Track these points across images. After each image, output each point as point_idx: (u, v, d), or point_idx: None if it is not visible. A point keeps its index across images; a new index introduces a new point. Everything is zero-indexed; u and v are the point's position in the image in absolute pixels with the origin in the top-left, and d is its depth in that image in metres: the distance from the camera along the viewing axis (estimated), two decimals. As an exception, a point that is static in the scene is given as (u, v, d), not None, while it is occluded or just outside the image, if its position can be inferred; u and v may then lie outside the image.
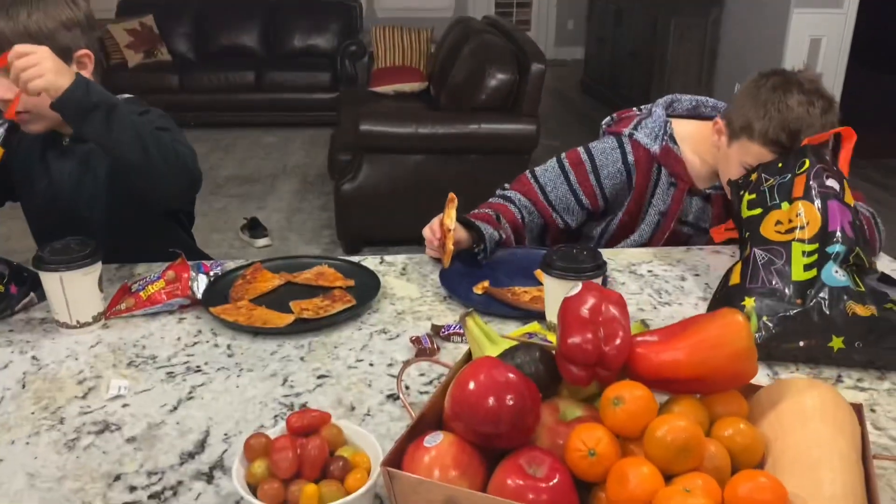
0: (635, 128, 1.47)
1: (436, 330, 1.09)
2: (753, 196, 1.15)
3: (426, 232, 1.33)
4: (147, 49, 5.56)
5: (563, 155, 1.50)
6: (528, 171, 1.51)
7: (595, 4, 6.58)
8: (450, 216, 1.28)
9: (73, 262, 1.05)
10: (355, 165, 3.26)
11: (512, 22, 7.24)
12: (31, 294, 1.16)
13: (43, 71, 1.08)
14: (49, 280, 1.06)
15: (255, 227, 3.51)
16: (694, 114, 1.52)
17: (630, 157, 1.45)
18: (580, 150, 1.49)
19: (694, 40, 5.02)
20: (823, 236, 1.05)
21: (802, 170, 1.13)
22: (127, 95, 1.41)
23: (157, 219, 1.46)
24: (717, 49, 5.04)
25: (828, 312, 1.01)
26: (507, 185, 1.52)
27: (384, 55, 5.16)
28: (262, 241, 3.46)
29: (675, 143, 1.45)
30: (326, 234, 3.60)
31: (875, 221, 1.35)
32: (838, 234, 1.05)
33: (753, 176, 1.18)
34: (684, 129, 1.47)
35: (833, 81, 4.32)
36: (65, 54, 1.21)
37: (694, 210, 1.48)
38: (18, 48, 1.09)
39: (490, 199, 1.50)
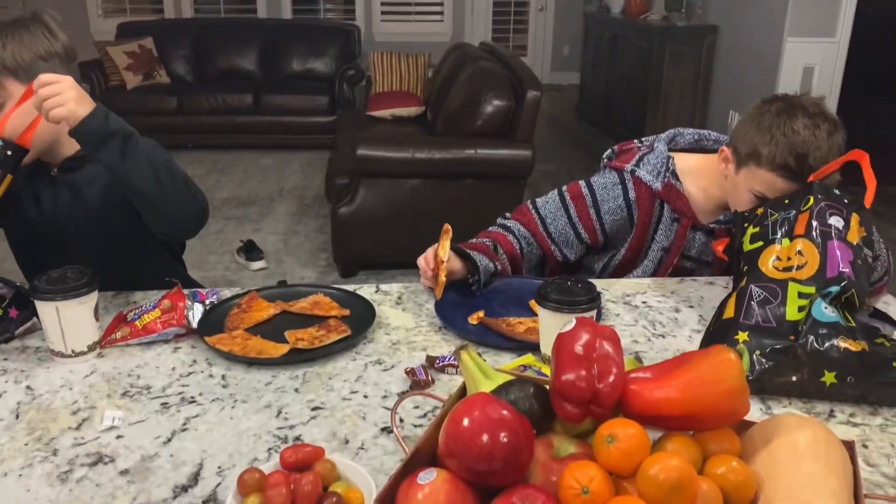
0: (637, 164, 1.47)
1: (430, 361, 1.09)
2: (757, 230, 1.16)
3: (420, 262, 1.34)
4: (146, 71, 5.59)
5: (565, 188, 1.51)
6: (529, 202, 1.52)
7: (590, 31, 6.66)
8: (444, 247, 1.28)
9: (69, 292, 1.05)
10: (352, 189, 3.28)
11: (508, 47, 7.31)
12: (34, 319, 1.15)
13: (65, 100, 1.10)
14: (45, 309, 1.06)
15: (251, 250, 3.51)
16: (696, 147, 1.52)
17: (632, 194, 1.46)
18: (581, 183, 1.50)
19: (688, 67, 5.08)
20: (821, 280, 1.06)
21: (807, 207, 1.14)
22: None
23: (149, 247, 1.46)
24: (711, 76, 5.10)
25: (819, 347, 1.01)
26: (507, 215, 1.53)
27: (382, 80, 5.21)
28: (257, 264, 3.46)
29: (677, 178, 1.45)
30: (322, 257, 3.60)
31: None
32: (837, 277, 1.05)
33: (760, 210, 1.19)
34: (687, 163, 1.47)
35: (826, 109, 4.36)
36: None
37: (697, 245, 1.48)
38: (44, 77, 1.11)
39: (490, 228, 1.51)
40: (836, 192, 1.15)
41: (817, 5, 4.17)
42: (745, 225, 1.21)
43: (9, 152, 1.15)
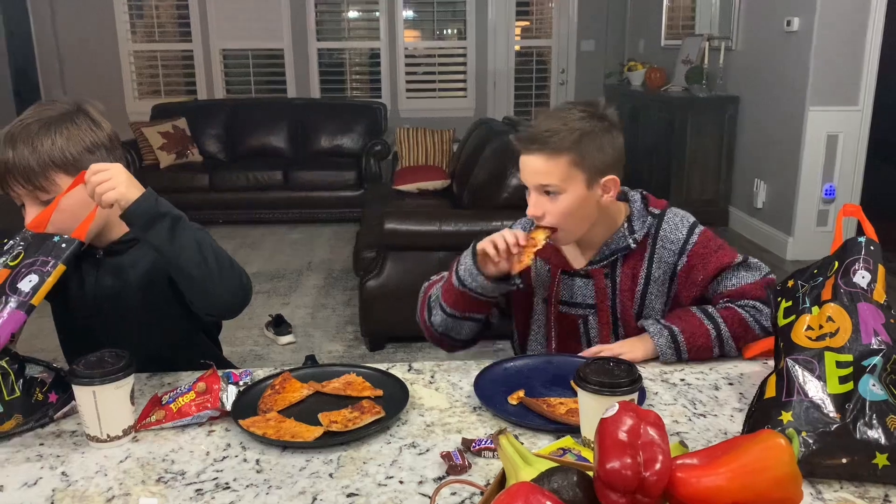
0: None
1: (466, 444, 1.07)
2: (790, 303, 1.14)
3: (499, 237, 1.35)
4: (179, 150, 5.77)
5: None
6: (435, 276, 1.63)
7: (610, 104, 6.76)
8: (541, 235, 1.33)
9: (106, 376, 1.06)
10: (379, 262, 3.30)
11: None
12: (73, 402, 1.15)
13: (116, 184, 1.16)
14: (82, 393, 1.07)
15: (279, 324, 3.53)
16: None
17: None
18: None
19: (711, 137, 5.12)
20: (857, 347, 1.03)
21: (832, 271, 1.12)
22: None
23: (187, 330, 1.48)
24: (734, 145, 5.12)
25: (868, 428, 0.98)
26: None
27: (408, 154, 5.31)
28: (286, 339, 3.47)
29: None
30: (350, 330, 3.60)
31: None
32: (873, 343, 1.03)
33: (790, 283, 1.18)
34: None
35: (852, 177, 4.35)
36: None
37: (576, 290, 1.49)
38: (95, 165, 1.18)
39: (431, 279, 1.61)
40: (861, 239, 1.13)
41: (838, 74, 4.21)
42: (779, 300, 1.19)
43: (63, 245, 1.18)
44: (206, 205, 5.51)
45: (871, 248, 1.12)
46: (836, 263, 1.13)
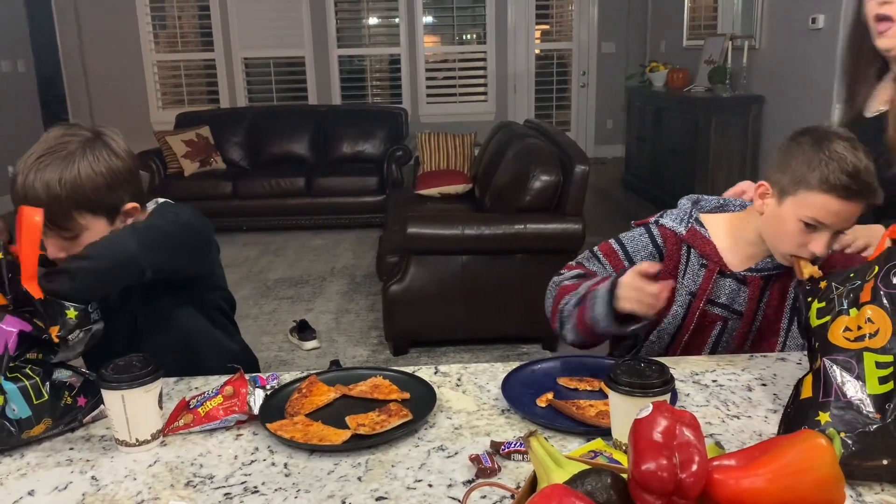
0: (661, 216, 1.53)
1: (495, 447, 1.06)
2: (823, 304, 1.12)
3: (648, 297, 1.28)
4: (202, 158, 5.83)
5: (596, 248, 1.56)
6: (573, 262, 1.57)
7: (633, 105, 6.73)
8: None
9: (135, 380, 1.06)
10: (403, 266, 3.30)
11: (552, 123, 7.42)
12: (102, 406, 1.16)
13: None
14: (111, 398, 1.07)
15: (303, 330, 3.54)
16: (720, 211, 1.54)
17: (659, 240, 1.50)
18: (611, 241, 1.55)
19: (735, 137, 5.06)
20: (898, 345, 1.00)
21: (871, 275, 1.10)
22: (161, 200, 1.49)
23: (203, 328, 1.49)
24: (759, 145, 5.06)
25: (911, 428, 0.95)
26: (563, 272, 1.55)
27: (429, 159, 5.32)
28: (310, 344, 3.48)
29: (702, 226, 1.48)
30: (374, 335, 3.60)
31: None
32: None
33: (823, 284, 1.15)
34: (712, 221, 1.49)
35: (882, 174, 4.27)
36: (111, 210, 1.32)
37: (727, 292, 1.46)
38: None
39: (582, 263, 1.55)
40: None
41: (865, 72, 4.14)
42: (809, 300, 1.16)
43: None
44: (229, 212, 5.56)
45: None
46: (877, 268, 1.10)
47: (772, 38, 4.93)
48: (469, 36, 7.73)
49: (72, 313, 1.13)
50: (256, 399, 1.17)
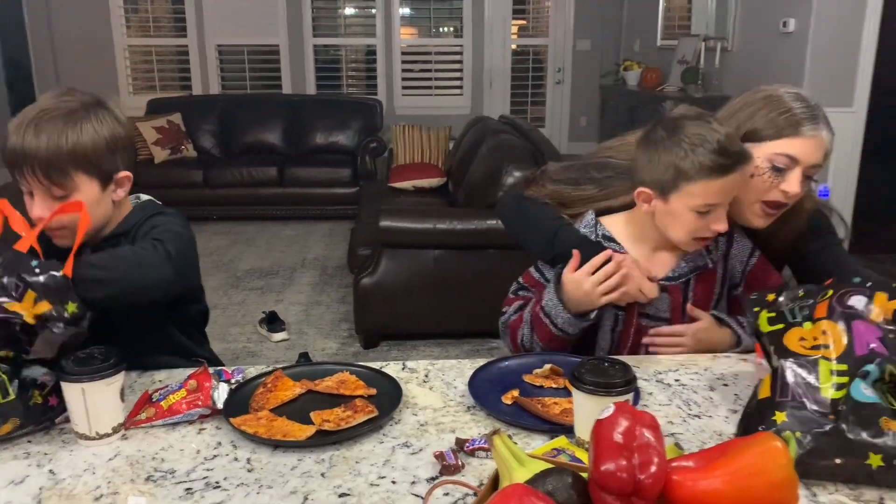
0: None
1: (460, 444, 1.06)
2: (773, 314, 1.13)
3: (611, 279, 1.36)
4: (173, 146, 5.75)
5: (521, 279, 1.57)
6: (510, 294, 1.57)
7: (607, 103, 6.78)
8: None
9: (95, 373, 1.04)
10: (374, 259, 3.29)
11: (527, 119, 7.44)
12: None
13: None
14: (70, 391, 1.05)
15: (273, 321, 3.51)
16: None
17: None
18: (531, 269, 1.56)
19: (707, 137, 5.11)
20: (851, 360, 1.02)
21: (825, 297, 1.11)
22: (146, 197, 1.46)
23: (168, 331, 1.47)
24: (730, 145, 5.12)
25: (862, 429, 0.97)
26: (505, 309, 1.55)
27: (403, 152, 5.30)
28: (279, 336, 3.45)
29: (611, 241, 1.46)
30: (344, 327, 3.59)
31: None
32: (868, 354, 1.02)
33: (770, 297, 1.16)
34: (615, 225, 1.48)
35: (847, 178, 4.35)
36: (107, 175, 1.29)
37: (653, 302, 1.46)
38: None
39: (517, 294, 1.55)
40: (857, 280, 1.12)
41: (834, 75, 4.22)
42: (756, 310, 1.17)
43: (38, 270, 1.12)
44: (200, 201, 5.49)
45: (868, 284, 1.11)
46: (831, 291, 1.11)
47: (744, 40, 4.99)
48: (446, 29, 7.71)
49: (71, 307, 1.10)
50: (220, 393, 1.16)
